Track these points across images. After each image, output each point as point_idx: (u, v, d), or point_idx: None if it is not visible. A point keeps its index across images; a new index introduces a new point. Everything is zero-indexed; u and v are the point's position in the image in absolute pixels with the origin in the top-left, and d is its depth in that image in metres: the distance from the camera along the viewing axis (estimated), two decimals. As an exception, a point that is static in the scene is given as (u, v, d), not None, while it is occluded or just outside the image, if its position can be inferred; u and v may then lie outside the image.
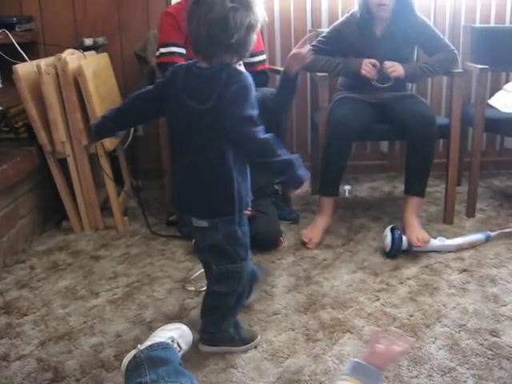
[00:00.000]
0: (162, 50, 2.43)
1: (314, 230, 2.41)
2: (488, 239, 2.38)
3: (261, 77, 2.62)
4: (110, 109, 1.68)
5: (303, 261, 2.23)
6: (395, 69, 2.43)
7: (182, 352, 1.52)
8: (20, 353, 1.66)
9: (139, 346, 1.43)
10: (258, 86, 2.54)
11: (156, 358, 1.35)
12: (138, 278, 2.11)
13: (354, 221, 2.63)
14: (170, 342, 1.47)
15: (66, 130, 2.42)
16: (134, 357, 1.37)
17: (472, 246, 2.33)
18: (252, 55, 2.63)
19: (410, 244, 2.26)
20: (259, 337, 1.69)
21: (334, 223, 2.59)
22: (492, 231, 2.41)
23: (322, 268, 2.17)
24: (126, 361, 1.41)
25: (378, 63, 2.44)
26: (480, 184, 2.87)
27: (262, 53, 2.66)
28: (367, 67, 2.43)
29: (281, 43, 3.18)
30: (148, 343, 1.43)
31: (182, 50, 2.43)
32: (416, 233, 2.30)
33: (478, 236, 2.37)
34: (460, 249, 2.30)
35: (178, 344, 1.50)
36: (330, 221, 2.47)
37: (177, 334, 1.53)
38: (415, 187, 2.43)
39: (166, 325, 1.59)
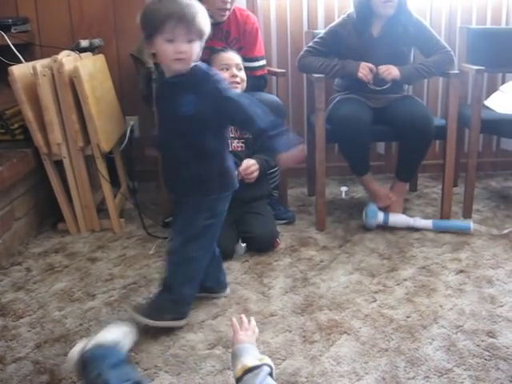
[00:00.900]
0: None
1: (377, 194, 2.61)
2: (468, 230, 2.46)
3: (260, 81, 2.63)
4: None
5: (300, 262, 2.23)
6: (390, 71, 2.44)
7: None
8: (16, 355, 1.65)
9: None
10: (256, 90, 2.56)
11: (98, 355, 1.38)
12: (135, 280, 2.11)
13: (351, 222, 2.63)
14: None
15: (62, 132, 2.42)
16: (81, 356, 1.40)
17: (454, 230, 2.46)
18: (252, 60, 2.64)
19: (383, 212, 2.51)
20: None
21: (331, 224, 2.59)
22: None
23: (318, 269, 2.16)
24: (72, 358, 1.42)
25: (374, 68, 2.45)
26: (476, 185, 2.87)
27: (262, 58, 2.69)
28: (364, 70, 2.44)
29: (277, 45, 3.18)
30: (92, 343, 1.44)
31: None
32: (386, 200, 2.60)
33: (461, 223, 2.51)
34: (437, 230, 2.45)
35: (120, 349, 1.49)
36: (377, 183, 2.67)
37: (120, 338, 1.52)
38: (403, 173, 2.63)
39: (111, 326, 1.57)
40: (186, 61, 1.59)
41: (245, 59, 2.55)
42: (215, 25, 2.63)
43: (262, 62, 2.70)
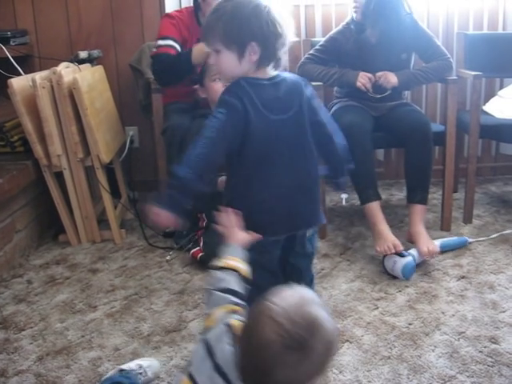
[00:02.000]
0: (160, 42, 2.50)
1: (386, 239, 2.23)
2: (465, 244, 2.42)
3: None
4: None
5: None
6: (388, 79, 2.44)
7: (146, 378, 1.55)
8: (18, 368, 1.65)
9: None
10: None
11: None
12: (136, 291, 2.11)
13: (352, 229, 2.63)
14: (136, 368, 1.55)
15: (61, 143, 2.42)
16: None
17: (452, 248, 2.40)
18: None
19: (420, 256, 2.22)
20: None
21: (331, 232, 2.59)
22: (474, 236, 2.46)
23: (320, 277, 2.16)
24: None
25: (373, 77, 2.45)
26: (476, 190, 2.88)
27: None
28: (363, 80, 2.44)
29: (275, 53, 3.18)
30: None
31: (178, 47, 2.49)
32: (427, 244, 2.23)
33: (458, 240, 2.44)
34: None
35: (144, 371, 1.55)
36: (386, 224, 2.32)
37: (146, 363, 1.58)
38: (418, 195, 2.39)
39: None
40: (222, 74, 1.55)
41: None
42: None
43: None
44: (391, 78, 2.44)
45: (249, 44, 1.36)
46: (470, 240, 2.44)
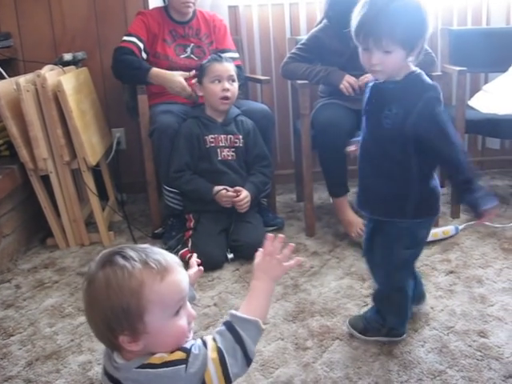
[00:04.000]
0: (125, 37, 2.68)
1: (356, 224, 2.42)
2: (457, 231, 2.49)
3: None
4: None
5: (290, 269, 2.22)
6: (368, 78, 2.44)
7: None
8: (7, 374, 1.64)
9: None
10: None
11: None
12: (125, 293, 2.10)
13: (340, 227, 2.63)
14: None
15: (47, 147, 2.41)
16: None
17: (445, 233, 2.44)
18: (225, 51, 2.71)
19: None
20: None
21: (320, 229, 2.60)
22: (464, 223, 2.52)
23: (309, 275, 2.17)
24: None
25: (357, 83, 2.44)
26: (464, 185, 2.89)
27: (234, 51, 2.83)
28: (346, 83, 2.43)
29: (260, 52, 3.19)
30: None
31: (141, 44, 2.67)
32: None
33: (449, 227, 2.48)
34: (435, 236, 2.40)
35: None
36: (352, 211, 2.48)
37: None
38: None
39: None
40: (381, 73, 1.51)
41: (217, 51, 2.69)
42: (185, 24, 2.77)
43: (235, 55, 2.80)
44: (370, 77, 2.43)
45: (420, 42, 1.43)
46: (461, 227, 2.52)
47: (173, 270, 0.96)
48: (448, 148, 1.44)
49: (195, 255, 1.28)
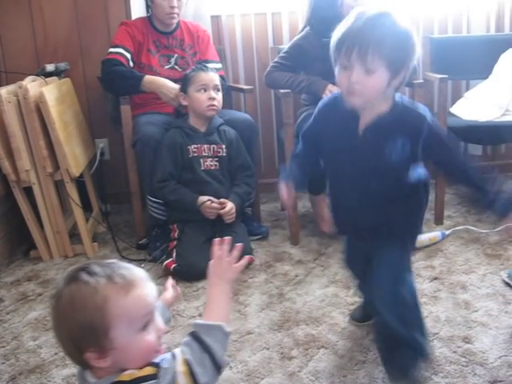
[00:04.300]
0: (111, 49, 2.66)
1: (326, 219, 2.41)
2: (444, 237, 2.51)
3: None
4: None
5: (275, 278, 2.23)
6: None
7: None
8: (-10, 389, 1.62)
9: None
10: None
11: None
12: (110, 305, 2.08)
13: (324, 235, 2.63)
14: None
15: (30, 158, 2.39)
16: None
17: (431, 241, 2.45)
18: (208, 62, 2.71)
19: None
20: None
21: (305, 238, 2.60)
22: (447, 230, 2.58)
23: (294, 284, 2.17)
24: None
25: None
26: (447, 191, 2.92)
27: (217, 62, 2.83)
28: (329, 93, 2.44)
29: (243, 61, 3.20)
30: None
31: (128, 55, 2.66)
32: None
33: (435, 233, 2.50)
34: (421, 245, 2.40)
35: None
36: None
37: None
38: None
39: None
40: (360, 95, 1.33)
41: (199, 62, 2.69)
42: (169, 34, 2.77)
43: (218, 65, 2.80)
44: None
45: (405, 68, 1.30)
46: (447, 232, 2.55)
47: (138, 284, 0.95)
48: (460, 161, 1.43)
49: (170, 279, 1.27)
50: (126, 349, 0.93)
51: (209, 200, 2.35)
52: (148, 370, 0.93)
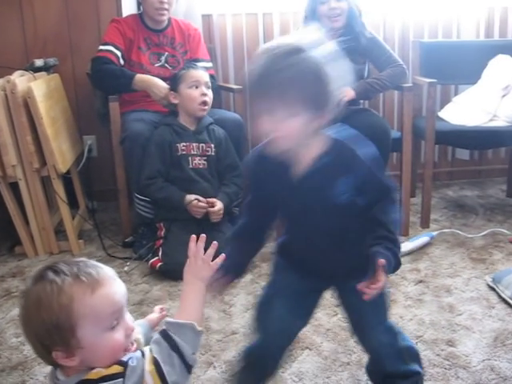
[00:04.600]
0: (101, 47, 2.65)
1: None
2: (432, 238, 2.53)
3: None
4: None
5: (261, 278, 2.22)
6: (345, 93, 2.46)
7: None
8: (-29, 385, 1.61)
9: None
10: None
11: None
12: (94, 302, 2.07)
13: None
14: None
15: (16, 154, 2.37)
16: None
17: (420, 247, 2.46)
18: (199, 61, 2.71)
19: None
20: None
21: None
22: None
23: (280, 285, 2.16)
24: None
25: None
26: (433, 195, 2.93)
27: (208, 60, 2.83)
28: None
29: (234, 61, 3.20)
30: None
31: (118, 53, 2.64)
32: None
33: (423, 238, 2.49)
34: (412, 252, 2.41)
35: None
36: None
37: None
38: None
39: None
40: (280, 140, 1.20)
41: (190, 61, 2.69)
42: (160, 32, 2.75)
43: (208, 64, 2.80)
44: (348, 93, 2.44)
45: (323, 109, 1.16)
46: (435, 233, 2.57)
47: (105, 283, 0.93)
48: (392, 208, 1.30)
49: (158, 307, 1.27)
50: (93, 347, 0.92)
51: (196, 199, 2.34)
52: (115, 369, 0.92)
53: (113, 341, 0.93)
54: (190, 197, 2.35)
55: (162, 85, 2.54)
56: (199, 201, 2.35)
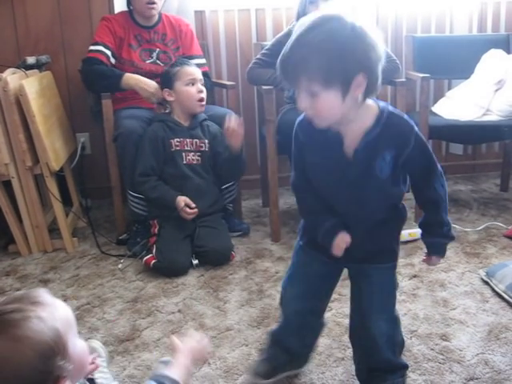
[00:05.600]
0: (92, 47, 2.66)
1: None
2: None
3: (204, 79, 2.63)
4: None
5: (255, 274, 2.22)
6: None
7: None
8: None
9: None
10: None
11: None
12: (88, 301, 2.07)
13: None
14: None
15: (9, 152, 2.36)
16: None
17: (411, 235, 2.46)
18: (193, 57, 2.70)
19: None
20: None
21: (286, 235, 2.60)
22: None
23: (274, 281, 2.16)
24: None
25: None
26: (428, 190, 2.92)
27: (201, 57, 2.81)
28: None
29: (226, 57, 3.19)
30: None
31: (109, 52, 2.65)
32: None
33: (415, 229, 2.48)
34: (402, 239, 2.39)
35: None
36: None
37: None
38: None
39: None
40: (319, 118, 1.22)
41: (184, 58, 2.66)
42: (151, 28, 2.74)
43: (202, 61, 2.79)
44: None
45: (355, 77, 1.13)
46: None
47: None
48: (437, 181, 1.35)
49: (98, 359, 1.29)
50: (78, 359, 0.94)
51: (185, 205, 2.34)
52: None
53: (83, 346, 0.97)
54: (180, 202, 2.34)
55: (150, 82, 2.54)
56: (187, 206, 2.34)
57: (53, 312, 0.90)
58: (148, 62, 2.71)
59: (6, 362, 0.84)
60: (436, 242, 1.39)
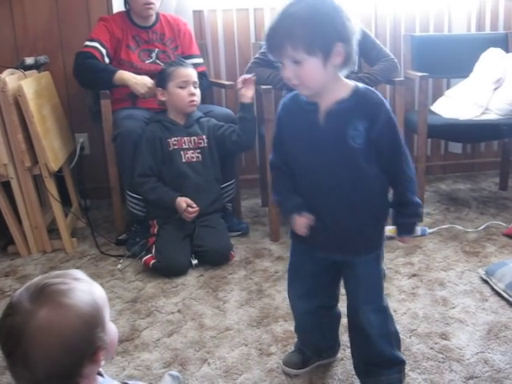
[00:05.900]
0: (87, 43, 2.64)
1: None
2: (425, 234, 2.53)
3: (201, 79, 2.62)
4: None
5: (255, 274, 2.22)
6: None
7: None
8: (-36, 386, 1.60)
9: None
10: (200, 88, 2.55)
11: None
12: (88, 301, 2.06)
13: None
14: None
15: (8, 152, 2.36)
16: None
17: (391, 232, 2.40)
18: (191, 57, 2.71)
19: None
20: None
21: (285, 234, 2.59)
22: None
23: (273, 280, 2.16)
24: None
25: None
26: (426, 188, 2.94)
27: (199, 56, 2.82)
28: None
29: (225, 57, 3.19)
30: None
31: (103, 50, 2.63)
32: None
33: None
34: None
35: None
36: None
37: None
38: None
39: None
40: (304, 86, 1.31)
41: (183, 57, 2.67)
42: (149, 28, 2.74)
43: (200, 60, 2.80)
44: None
45: (335, 45, 1.24)
46: (430, 230, 2.56)
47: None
48: (404, 162, 1.35)
49: None
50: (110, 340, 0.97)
51: (188, 206, 2.34)
52: None
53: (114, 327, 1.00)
54: (181, 204, 2.34)
55: (146, 79, 2.55)
56: (189, 206, 2.34)
57: (92, 289, 0.95)
58: (148, 62, 2.70)
59: (54, 326, 0.87)
60: (404, 221, 1.41)
